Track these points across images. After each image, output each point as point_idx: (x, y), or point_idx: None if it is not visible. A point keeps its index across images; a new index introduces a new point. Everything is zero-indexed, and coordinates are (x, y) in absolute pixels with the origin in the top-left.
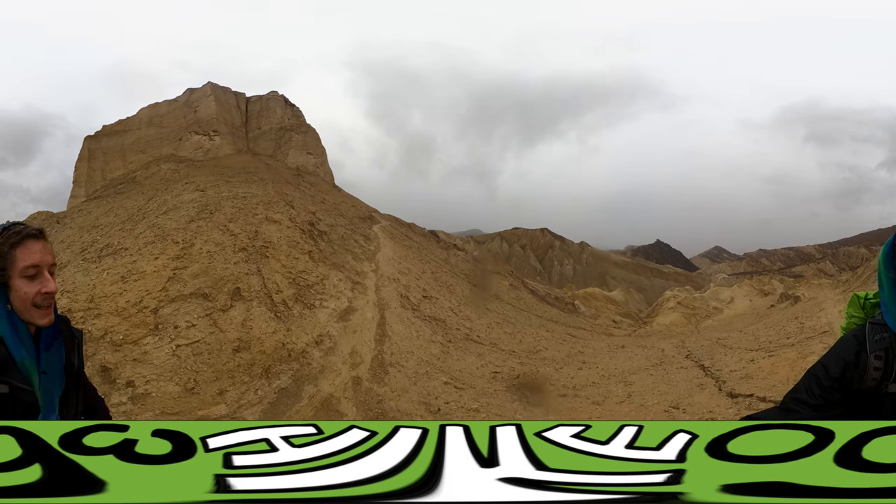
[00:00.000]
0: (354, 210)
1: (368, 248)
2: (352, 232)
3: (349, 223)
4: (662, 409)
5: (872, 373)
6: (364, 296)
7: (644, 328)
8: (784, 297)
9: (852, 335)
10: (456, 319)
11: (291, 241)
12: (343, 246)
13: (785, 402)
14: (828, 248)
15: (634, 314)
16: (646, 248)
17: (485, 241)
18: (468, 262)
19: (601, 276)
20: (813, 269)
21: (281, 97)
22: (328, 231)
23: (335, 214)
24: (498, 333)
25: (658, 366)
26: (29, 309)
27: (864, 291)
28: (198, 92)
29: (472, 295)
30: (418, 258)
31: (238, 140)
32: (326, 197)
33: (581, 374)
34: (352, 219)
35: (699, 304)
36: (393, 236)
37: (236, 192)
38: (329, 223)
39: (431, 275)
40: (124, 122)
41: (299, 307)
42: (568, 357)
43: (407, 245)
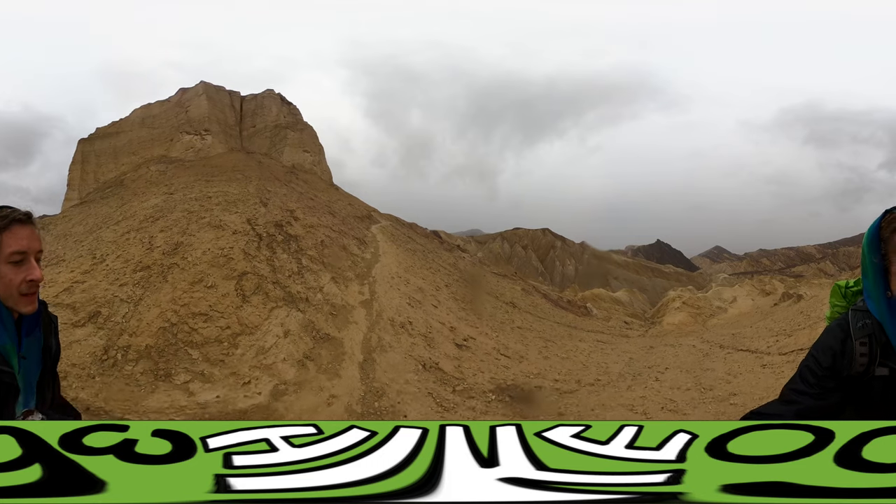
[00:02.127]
0: (351, 209)
1: (363, 255)
2: (340, 235)
3: (340, 223)
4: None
5: (859, 359)
6: (337, 364)
7: (655, 328)
8: (786, 295)
9: (836, 324)
10: (493, 354)
11: (225, 254)
12: (320, 256)
13: (784, 395)
14: (828, 248)
15: (640, 315)
16: (646, 247)
17: (485, 241)
18: (476, 266)
19: (603, 276)
20: (813, 268)
21: (277, 95)
22: (302, 235)
23: (323, 213)
24: (536, 351)
25: (706, 358)
26: (14, 296)
27: (845, 280)
28: (190, 91)
29: (493, 309)
30: (426, 265)
31: (231, 139)
32: (319, 195)
33: (658, 383)
34: (345, 218)
35: (703, 304)
36: (394, 238)
37: (206, 193)
38: (308, 224)
39: (449, 292)
40: (117, 123)
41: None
42: (626, 367)
43: (410, 249)
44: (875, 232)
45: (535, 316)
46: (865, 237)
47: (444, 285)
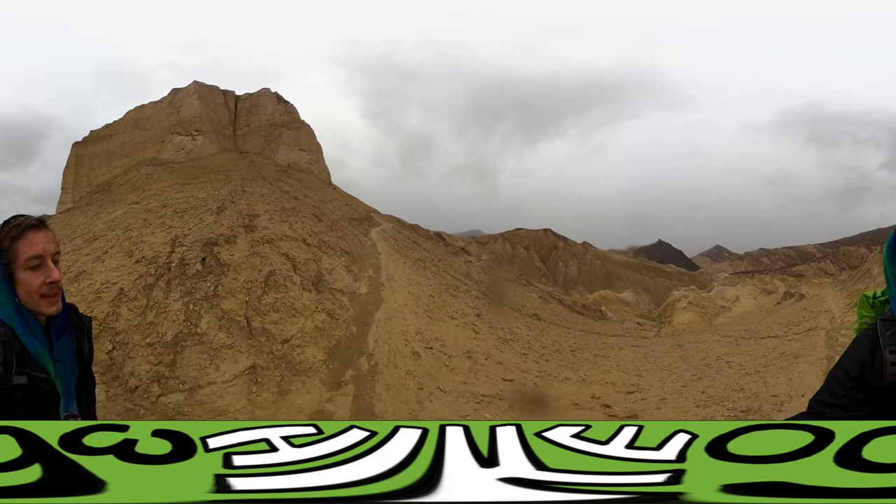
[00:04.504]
0: (348, 210)
1: (352, 286)
2: (320, 250)
3: (327, 230)
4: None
5: (890, 368)
6: None
7: (666, 328)
8: (788, 294)
9: (864, 334)
10: (569, 383)
11: (98, 294)
12: (252, 303)
13: (811, 407)
14: (828, 247)
15: (648, 315)
16: (647, 247)
17: (487, 241)
18: (487, 273)
19: (607, 276)
20: (813, 268)
21: (273, 94)
22: (238, 264)
23: (305, 218)
24: (596, 370)
25: (739, 347)
26: (36, 300)
27: (872, 291)
28: (182, 91)
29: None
30: (442, 285)
31: (223, 138)
32: (311, 194)
33: (731, 369)
34: (335, 221)
35: (708, 304)
36: (398, 247)
37: (165, 202)
38: (267, 237)
39: (475, 315)
40: (111, 126)
41: None
42: (686, 363)
43: (418, 259)
44: (893, 244)
45: (560, 327)
46: (886, 248)
47: (472, 312)
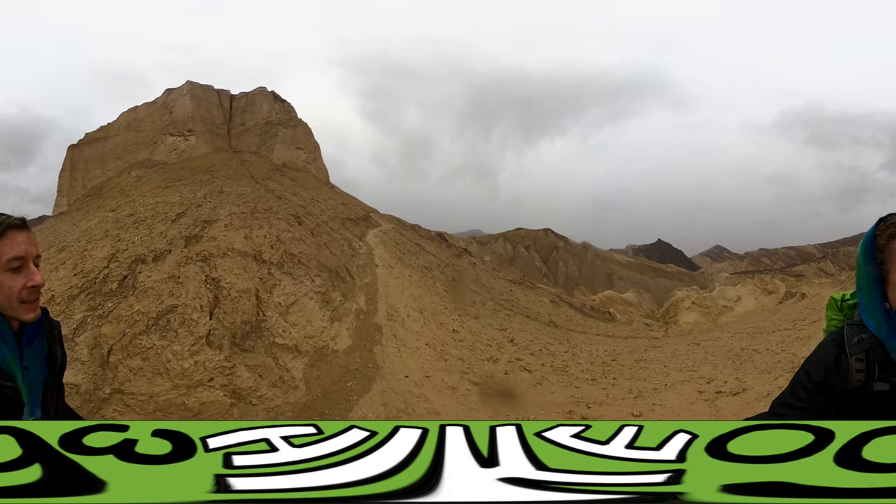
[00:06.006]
0: (343, 210)
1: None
2: (289, 265)
3: (307, 234)
4: None
5: (856, 374)
6: None
7: (672, 328)
8: (789, 294)
9: (831, 339)
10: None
11: None
12: (126, 343)
13: (773, 408)
14: (828, 247)
15: (651, 315)
16: (647, 247)
17: (487, 241)
18: (495, 278)
19: (607, 276)
20: (813, 268)
21: (269, 93)
22: (150, 287)
23: (283, 221)
24: (650, 374)
25: (755, 340)
26: (15, 305)
27: (841, 293)
28: (175, 92)
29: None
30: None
31: (217, 138)
32: (302, 192)
33: (759, 355)
34: (322, 223)
35: (711, 304)
36: (399, 254)
37: (136, 209)
38: (218, 249)
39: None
40: (105, 128)
41: None
42: (713, 358)
43: (424, 268)
44: (870, 240)
45: (578, 333)
46: (860, 247)
47: (503, 338)
